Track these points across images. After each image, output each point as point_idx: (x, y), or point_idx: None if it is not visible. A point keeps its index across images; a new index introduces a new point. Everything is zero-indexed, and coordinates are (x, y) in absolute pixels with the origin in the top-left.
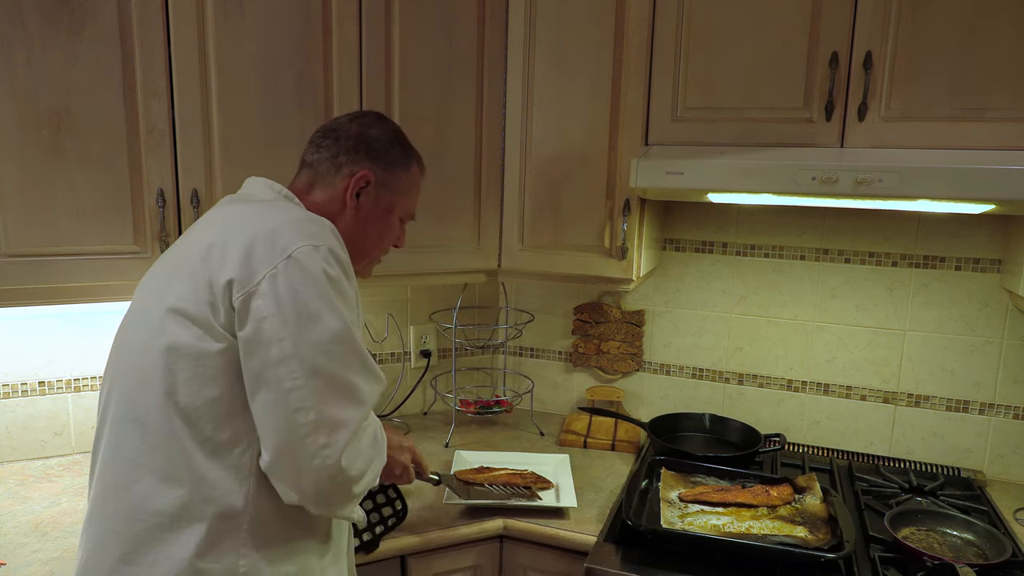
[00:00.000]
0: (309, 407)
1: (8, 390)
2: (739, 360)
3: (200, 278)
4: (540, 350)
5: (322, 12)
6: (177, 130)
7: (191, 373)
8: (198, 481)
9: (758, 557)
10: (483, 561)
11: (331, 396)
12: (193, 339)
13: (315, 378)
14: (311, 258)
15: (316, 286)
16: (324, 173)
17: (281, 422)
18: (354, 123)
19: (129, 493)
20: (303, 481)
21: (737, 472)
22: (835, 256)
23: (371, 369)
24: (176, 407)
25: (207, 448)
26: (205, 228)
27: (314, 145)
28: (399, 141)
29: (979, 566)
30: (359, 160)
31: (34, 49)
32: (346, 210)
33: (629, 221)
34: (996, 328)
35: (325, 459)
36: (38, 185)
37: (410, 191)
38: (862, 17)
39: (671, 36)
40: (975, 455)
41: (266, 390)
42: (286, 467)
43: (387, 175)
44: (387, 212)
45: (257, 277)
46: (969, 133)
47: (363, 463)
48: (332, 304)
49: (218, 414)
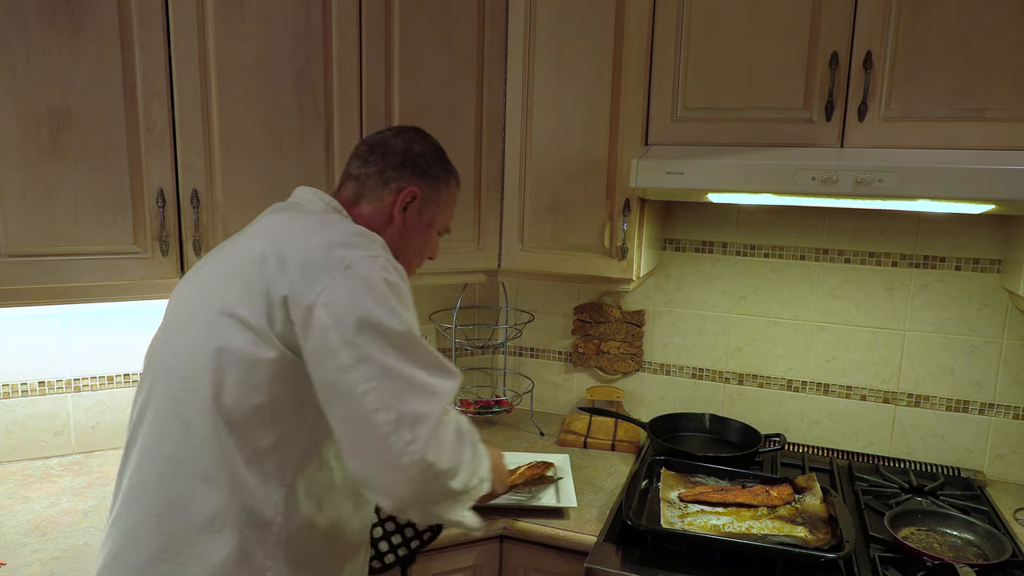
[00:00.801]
0: (388, 406)
1: (8, 390)
2: (739, 360)
3: (256, 286)
4: (540, 350)
5: (322, 12)
6: (177, 130)
7: (240, 377)
8: (236, 486)
9: (758, 557)
10: (483, 561)
11: (407, 393)
12: (246, 344)
13: (388, 377)
14: (370, 267)
15: (377, 292)
16: (372, 187)
17: (363, 426)
18: (398, 139)
19: (167, 490)
20: (397, 484)
21: (737, 472)
22: (835, 256)
23: (442, 364)
24: (221, 410)
25: (247, 453)
26: (257, 235)
27: (360, 159)
28: (440, 157)
29: (979, 566)
30: (406, 176)
31: (34, 49)
32: (393, 223)
33: (629, 221)
34: (996, 328)
35: (412, 455)
36: (38, 185)
37: (449, 206)
38: (862, 17)
39: (671, 36)
40: (975, 455)
41: (343, 398)
42: (375, 472)
43: (431, 190)
44: (428, 226)
45: (317, 289)
46: (969, 133)
47: (450, 456)
48: (394, 308)
49: (261, 421)
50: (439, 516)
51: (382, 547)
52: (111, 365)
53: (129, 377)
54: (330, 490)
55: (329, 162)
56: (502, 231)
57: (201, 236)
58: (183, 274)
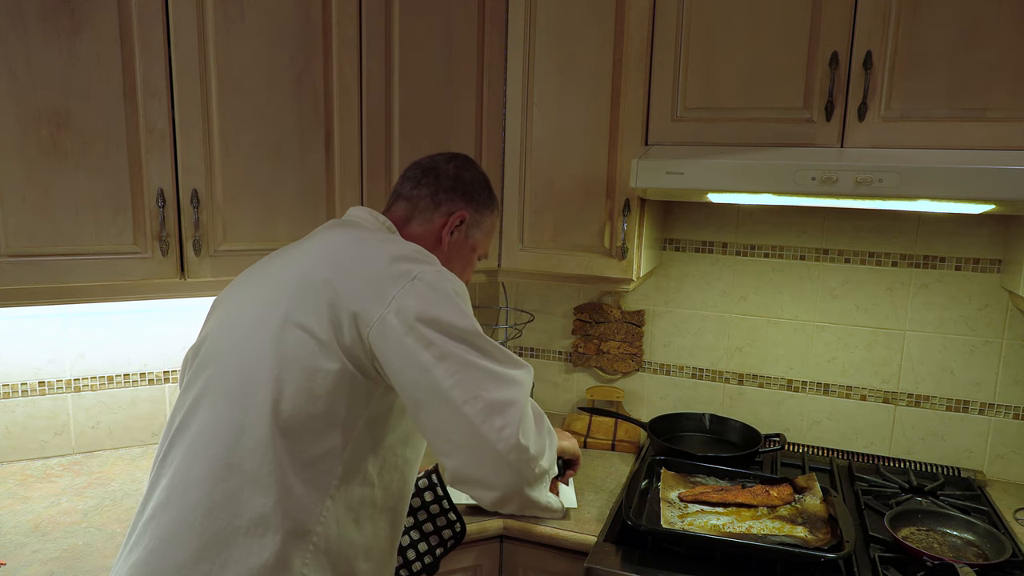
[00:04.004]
0: (476, 395)
1: (8, 390)
2: (739, 360)
3: (323, 298)
4: (540, 350)
5: (322, 12)
6: (177, 130)
7: (300, 386)
8: (284, 492)
9: (758, 557)
10: (483, 561)
11: (489, 382)
12: (310, 354)
13: (470, 369)
14: (437, 278)
15: (446, 298)
16: (423, 208)
17: (455, 420)
18: (450, 164)
19: (215, 490)
20: (500, 473)
21: (737, 472)
22: (835, 256)
23: (514, 358)
24: (278, 416)
25: (298, 462)
26: (317, 252)
27: (412, 181)
28: (487, 186)
29: (979, 566)
30: (456, 200)
31: (34, 49)
32: (441, 245)
33: (629, 221)
34: (996, 328)
35: (508, 440)
36: (38, 185)
37: (490, 232)
38: (862, 17)
39: (671, 36)
40: (975, 455)
41: (431, 396)
42: (476, 466)
43: (477, 216)
44: (472, 250)
45: (387, 299)
46: (969, 133)
47: (537, 437)
48: (463, 312)
49: (315, 430)
50: (535, 503)
51: (409, 555)
52: (111, 365)
53: (129, 377)
54: (370, 506)
55: (329, 162)
56: (502, 231)
57: (201, 236)
58: (183, 274)
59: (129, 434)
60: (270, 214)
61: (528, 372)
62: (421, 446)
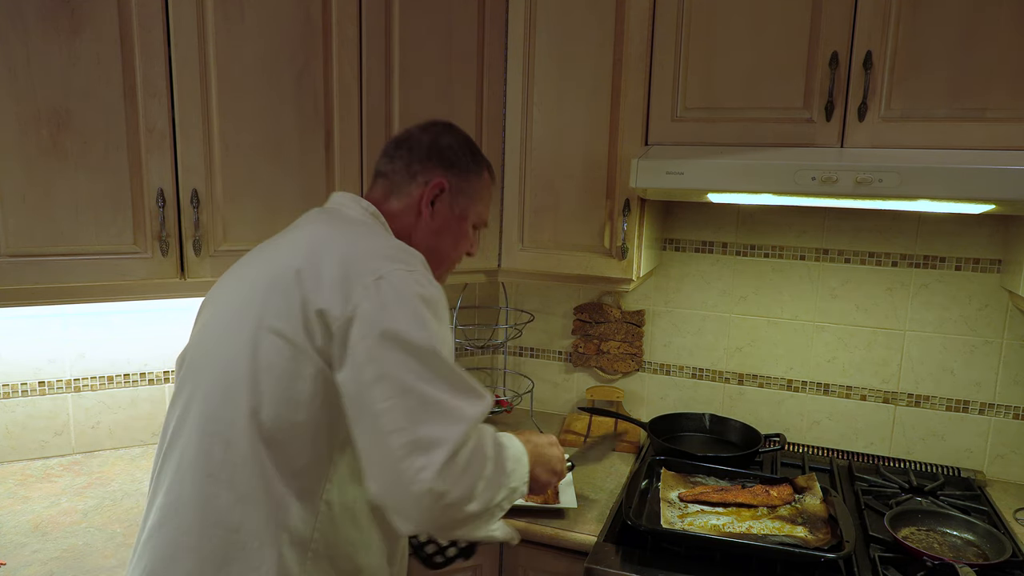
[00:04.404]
0: (403, 428)
1: (8, 390)
2: (739, 360)
3: (294, 299)
4: (540, 350)
5: (322, 12)
6: (177, 130)
7: (279, 394)
8: (275, 505)
9: (758, 557)
10: (483, 561)
11: (425, 416)
12: (287, 361)
13: (407, 396)
14: (404, 280)
15: (409, 306)
16: (399, 183)
17: (379, 447)
18: (425, 133)
19: (207, 507)
20: (409, 510)
21: (737, 472)
22: (835, 256)
23: (468, 387)
24: (260, 428)
25: (286, 472)
26: (294, 247)
27: (387, 156)
28: (470, 149)
29: (979, 566)
30: (433, 168)
31: (34, 49)
32: (422, 218)
33: (629, 221)
34: (996, 328)
35: (421, 484)
36: (38, 185)
37: (482, 198)
38: (862, 17)
39: (671, 36)
40: (975, 455)
41: (363, 415)
42: (390, 496)
43: (460, 182)
44: (461, 219)
45: (353, 302)
46: (969, 133)
47: (466, 486)
48: (424, 323)
49: (300, 438)
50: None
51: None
52: (111, 365)
53: (129, 377)
54: (366, 503)
55: (329, 162)
56: (502, 231)
57: (201, 236)
58: (183, 274)
59: (129, 434)
60: (270, 214)
61: (482, 403)
62: None
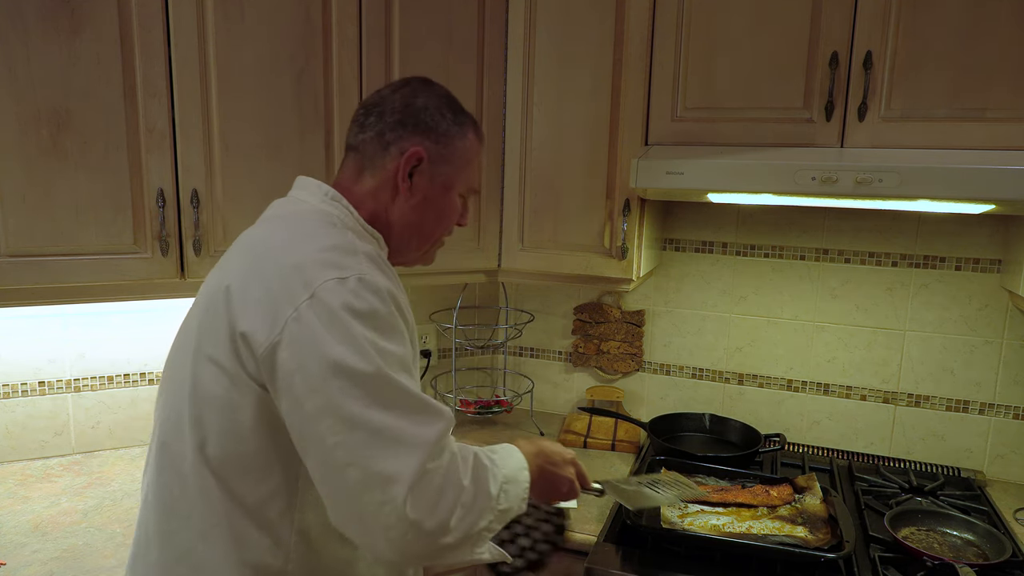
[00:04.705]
0: (355, 463)
1: (8, 390)
2: (739, 360)
3: (223, 322)
4: (540, 350)
5: (322, 12)
6: (177, 130)
7: (222, 427)
8: (235, 540)
9: (758, 557)
10: None
11: (376, 449)
12: (224, 390)
13: (355, 431)
14: (335, 293)
15: (341, 326)
16: (371, 155)
17: (334, 482)
18: (397, 93)
19: (170, 544)
20: (375, 542)
21: (737, 472)
22: (835, 256)
23: (424, 407)
24: (208, 462)
25: (246, 504)
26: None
27: (357, 124)
28: (451, 107)
29: (979, 566)
30: (407, 135)
31: (34, 49)
32: (400, 194)
33: (629, 221)
34: (996, 328)
35: (387, 517)
36: (38, 185)
37: (469, 163)
38: (862, 17)
39: (671, 36)
40: (975, 455)
41: (312, 449)
42: (352, 529)
43: (440, 148)
44: (445, 190)
45: (279, 324)
46: (969, 133)
47: (439, 518)
48: (359, 345)
49: (252, 469)
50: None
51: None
52: (111, 365)
53: (129, 377)
54: None
55: (329, 162)
56: (502, 231)
57: (201, 236)
58: (183, 274)
59: (129, 434)
60: None
61: (440, 424)
62: None
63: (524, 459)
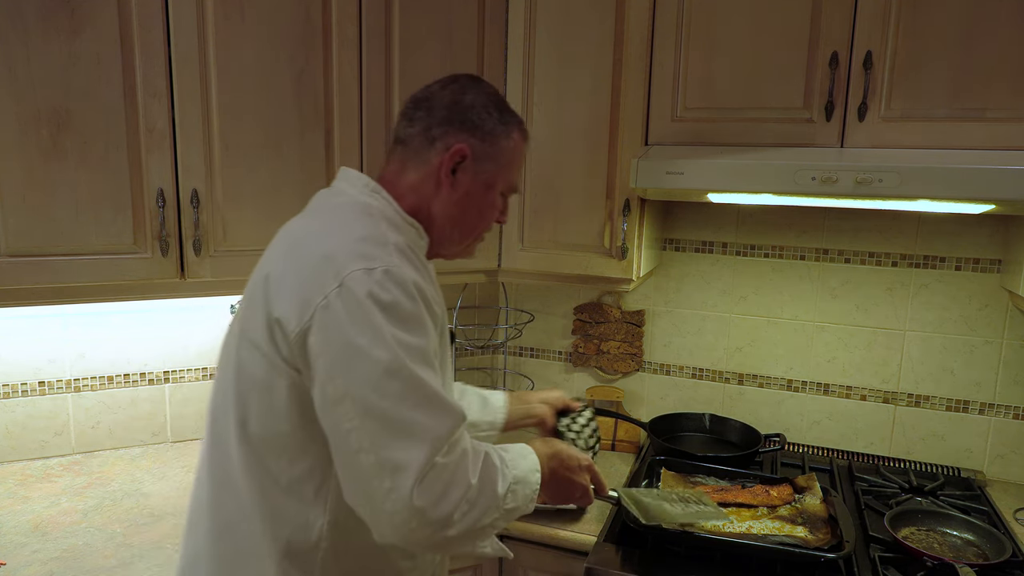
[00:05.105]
0: (368, 449)
1: (8, 390)
2: (739, 360)
3: (261, 308)
4: (540, 350)
5: (322, 12)
6: (177, 130)
7: (260, 407)
8: (271, 517)
9: (758, 557)
10: (483, 561)
11: (388, 437)
12: (264, 371)
13: (369, 418)
14: (362, 283)
15: (365, 315)
16: (417, 148)
17: (348, 462)
18: (447, 89)
19: (217, 515)
20: (380, 524)
21: (737, 472)
22: (835, 256)
23: (436, 402)
24: (249, 440)
25: (281, 482)
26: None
27: (406, 118)
28: (497, 106)
29: (979, 566)
30: (453, 132)
31: (34, 49)
32: (442, 189)
33: (629, 221)
34: (996, 328)
35: (394, 503)
36: (38, 185)
37: (512, 162)
38: (862, 17)
39: (671, 36)
40: (975, 455)
41: (331, 431)
42: (362, 507)
43: (485, 146)
44: (487, 187)
45: (310, 311)
46: (969, 133)
47: (448, 505)
48: (381, 335)
49: (289, 448)
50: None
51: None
52: (111, 365)
53: (129, 377)
54: None
55: (329, 162)
56: (502, 231)
57: (201, 236)
58: (183, 274)
59: (129, 434)
60: (270, 214)
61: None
62: None
63: (537, 461)
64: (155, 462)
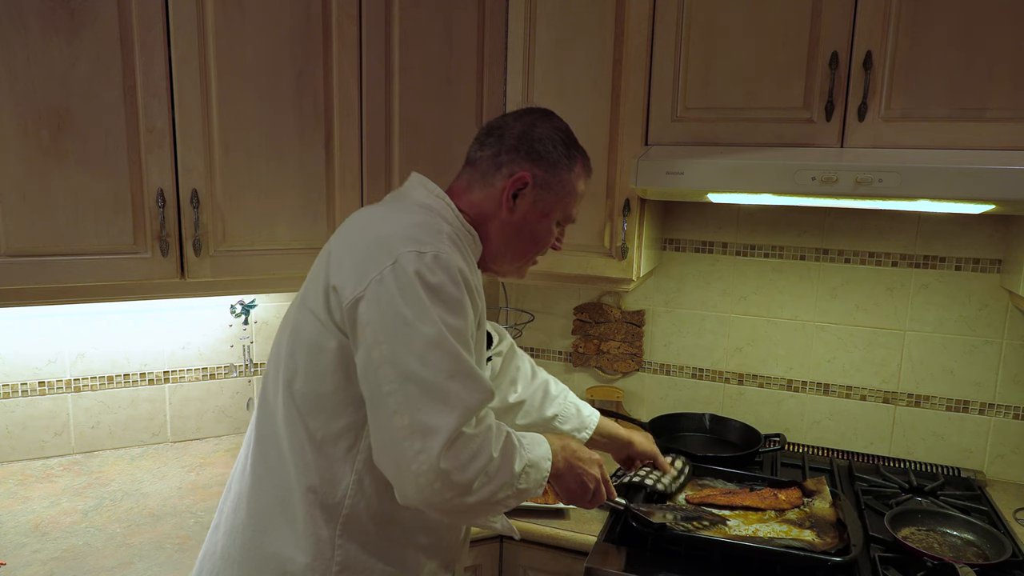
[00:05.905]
0: (403, 411)
1: (8, 390)
2: (739, 360)
3: (321, 278)
4: (540, 350)
5: (322, 12)
6: (177, 130)
7: (308, 364)
8: (304, 468)
9: (758, 559)
10: (483, 561)
11: (423, 402)
12: (315, 333)
13: (408, 383)
14: (412, 263)
15: (414, 292)
16: (484, 171)
17: (382, 424)
18: (519, 121)
19: (260, 462)
20: (405, 484)
21: (745, 475)
22: (835, 256)
23: (471, 376)
24: (292, 396)
25: (316, 439)
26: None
27: (478, 142)
28: (564, 141)
29: (979, 566)
30: (519, 160)
31: (34, 49)
32: (501, 210)
33: (629, 221)
34: (996, 328)
35: (421, 464)
36: (38, 185)
37: (569, 194)
38: (862, 17)
39: (671, 36)
40: (975, 455)
41: (372, 394)
42: (389, 468)
43: (547, 176)
44: (543, 216)
45: (364, 282)
46: (969, 133)
47: (471, 473)
48: (426, 311)
49: (327, 408)
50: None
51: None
52: (111, 365)
53: (129, 377)
54: None
55: (329, 162)
56: None
57: (201, 236)
58: (183, 274)
59: (129, 434)
60: (270, 214)
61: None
62: None
63: (550, 451)
64: (155, 462)
